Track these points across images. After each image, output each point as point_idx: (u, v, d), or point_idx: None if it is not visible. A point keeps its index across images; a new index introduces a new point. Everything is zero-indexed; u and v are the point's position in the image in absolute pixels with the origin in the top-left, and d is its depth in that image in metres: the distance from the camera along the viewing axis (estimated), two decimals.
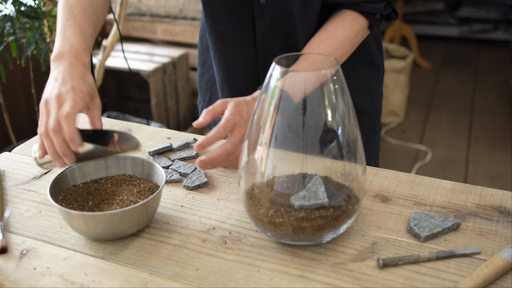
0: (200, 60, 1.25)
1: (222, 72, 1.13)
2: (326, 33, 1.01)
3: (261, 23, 1.05)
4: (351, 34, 1.03)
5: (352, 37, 1.03)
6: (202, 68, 1.25)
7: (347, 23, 1.02)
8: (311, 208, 0.72)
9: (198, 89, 1.29)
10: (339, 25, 1.02)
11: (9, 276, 0.71)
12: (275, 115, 0.71)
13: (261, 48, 1.06)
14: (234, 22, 1.07)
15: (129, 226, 0.76)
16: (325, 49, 1.00)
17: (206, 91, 1.25)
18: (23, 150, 1.05)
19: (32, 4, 1.88)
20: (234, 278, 0.70)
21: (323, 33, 1.01)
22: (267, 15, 1.04)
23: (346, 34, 1.02)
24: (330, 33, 1.01)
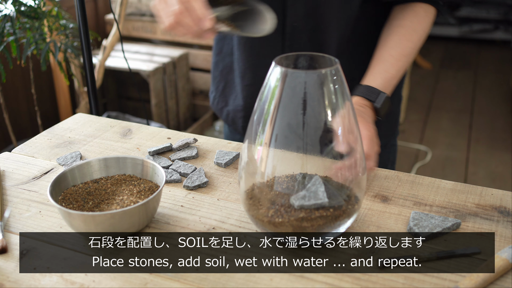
0: (215, 49, 1.24)
1: (246, 57, 1.11)
2: (404, 29, 1.01)
3: (293, 13, 1.03)
4: (427, 26, 1.03)
5: (428, 29, 1.03)
6: (217, 57, 1.23)
7: (422, 16, 1.02)
8: (311, 208, 0.72)
9: (211, 78, 1.27)
10: (415, 20, 1.01)
11: (9, 276, 0.71)
12: (275, 115, 0.71)
13: (289, 38, 1.05)
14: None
15: (129, 226, 0.76)
16: (408, 45, 1.00)
17: (220, 80, 1.24)
18: (23, 150, 1.05)
19: (32, 4, 1.88)
20: (234, 278, 0.70)
21: (402, 30, 1.01)
22: (300, 7, 1.03)
23: (423, 27, 1.02)
24: (409, 29, 1.01)
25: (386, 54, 1.00)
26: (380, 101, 0.95)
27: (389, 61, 0.99)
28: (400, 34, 1.01)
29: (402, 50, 1.00)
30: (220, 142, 1.06)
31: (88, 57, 1.54)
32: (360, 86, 0.98)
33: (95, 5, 3.03)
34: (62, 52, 1.99)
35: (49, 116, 2.71)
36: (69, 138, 1.09)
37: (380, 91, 0.96)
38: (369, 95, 0.96)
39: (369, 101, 0.96)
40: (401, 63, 1.00)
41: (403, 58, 1.00)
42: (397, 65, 0.99)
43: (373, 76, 0.99)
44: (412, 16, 1.02)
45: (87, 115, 1.20)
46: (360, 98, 0.96)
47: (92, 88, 1.58)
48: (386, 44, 1.01)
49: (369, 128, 0.87)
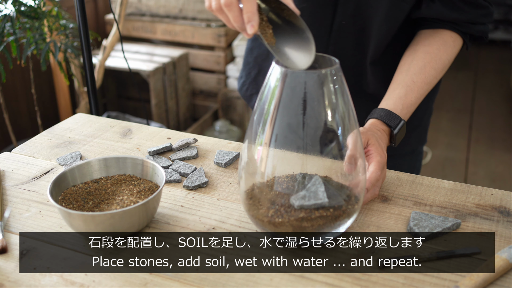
0: None
1: None
2: (430, 56, 0.99)
3: (342, 11, 1.02)
4: (453, 56, 1.01)
5: (452, 59, 1.01)
6: (252, 43, 1.21)
7: (450, 45, 1.00)
8: (311, 208, 0.71)
9: (242, 63, 1.25)
10: (442, 48, 1.00)
11: (9, 276, 0.71)
12: (275, 115, 0.71)
13: (335, 36, 1.04)
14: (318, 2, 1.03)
15: (129, 226, 0.76)
16: (431, 73, 0.98)
17: (253, 67, 1.21)
18: (23, 150, 1.05)
19: (32, 4, 1.88)
20: (234, 278, 0.70)
21: (427, 57, 0.99)
22: (351, 5, 1.01)
23: (449, 56, 1.00)
24: (435, 56, 0.99)
25: (408, 79, 0.98)
26: (399, 128, 0.94)
27: (411, 87, 0.97)
28: (426, 61, 0.98)
29: (425, 77, 0.98)
30: (220, 142, 1.06)
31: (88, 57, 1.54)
32: (380, 110, 0.95)
33: (95, 5, 3.03)
34: (62, 52, 1.99)
35: (49, 116, 2.71)
36: (69, 138, 1.09)
37: (401, 118, 0.94)
38: (389, 120, 0.94)
39: (388, 127, 0.94)
40: (422, 91, 0.98)
41: (425, 86, 0.98)
42: (419, 93, 0.97)
43: (393, 100, 0.96)
44: (440, 43, 1.00)
45: (87, 115, 1.20)
46: (379, 122, 0.94)
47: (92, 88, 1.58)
48: (410, 69, 0.98)
49: (381, 154, 0.86)
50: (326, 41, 1.05)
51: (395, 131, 0.93)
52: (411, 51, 1.01)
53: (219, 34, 2.88)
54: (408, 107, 0.97)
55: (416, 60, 0.99)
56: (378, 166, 0.84)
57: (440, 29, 1.01)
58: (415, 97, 0.97)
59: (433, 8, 0.99)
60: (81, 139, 1.09)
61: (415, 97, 0.97)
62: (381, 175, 0.85)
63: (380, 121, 0.94)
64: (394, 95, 0.97)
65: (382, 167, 0.85)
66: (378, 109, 0.96)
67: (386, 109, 0.95)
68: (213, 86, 3.03)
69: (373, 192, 0.84)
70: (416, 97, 0.97)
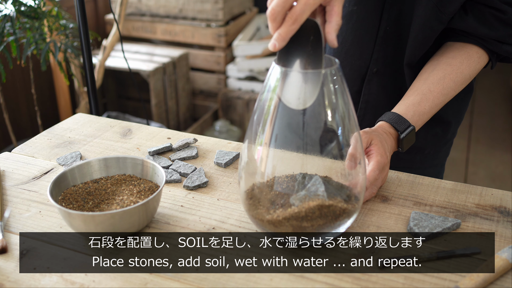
0: None
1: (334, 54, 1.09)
2: (451, 68, 0.98)
3: (388, 16, 1.02)
4: (475, 72, 1.00)
5: (474, 75, 1.00)
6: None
7: (474, 61, 0.99)
8: (311, 208, 0.71)
9: None
10: (465, 62, 0.98)
11: (9, 276, 0.71)
12: (275, 115, 0.71)
13: (380, 43, 1.03)
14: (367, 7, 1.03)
15: (129, 226, 0.76)
16: (449, 85, 0.97)
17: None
18: (23, 150, 1.05)
19: (32, 4, 1.88)
20: (234, 278, 0.70)
21: (448, 68, 0.98)
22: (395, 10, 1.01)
23: (471, 72, 0.99)
24: (456, 69, 0.98)
25: (425, 88, 0.97)
26: (406, 133, 0.93)
27: (427, 95, 0.96)
28: (446, 72, 0.97)
29: (443, 88, 0.97)
30: (220, 142, 1.06)
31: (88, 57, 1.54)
32: (390, 113, 0.95)
33: (95, 5, 3.03)
34: (62, 52, 1.99)
35: (49, 116, 2.71)
36: (69, 138, 1.09)
37: (409, 123, 0.94)
38: (397, 124, 0.93)
39: (395, 130, 0.94)
40: (438, 101, 0.97)
41: (441, 97, 0.97)
42: (434, 102, 0.96)
43: (406, 106, 0.96)
44: (464, 57, 0.99)
45: (87, 115, 1.20)
46: (387, 125, 0.94)
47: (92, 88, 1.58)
48: (428, 78, 0.98)
49: (382, 155, 0.86)
50: (371, 49, 1.05)
51: (402, 135, 0.92)
52: (434, 61, 1.00)
53: (219, 34, 2.88)
54: (421, 115, 0.96)
55: (437, 70, 0.98)
56: (377, 165, 0.84)
57: (467, 43, 1.00)
58: (429, 106, 0.96)
59: (465, 20, 0.98)
60: (81, 139, 1.09)
61: (429, 106, 0.96)
62: (380, 175, 0.85)
63: (388, 124, 0.94)
64: (407, 101, 0.97)
65: (382, 167, 0.85)
66: (389, 113, 0.96)
67: (396, 113, 0.95)
68: (213, 86, 3.03)
69: (370, 191, 0.84)
70: (430, 106, 0.96)
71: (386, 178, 0.89)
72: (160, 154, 1.02)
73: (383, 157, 0.85)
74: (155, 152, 1.01)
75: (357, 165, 0.74)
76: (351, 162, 0.73)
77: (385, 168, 0.86)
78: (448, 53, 1.00)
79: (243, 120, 2.95)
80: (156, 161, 0.98)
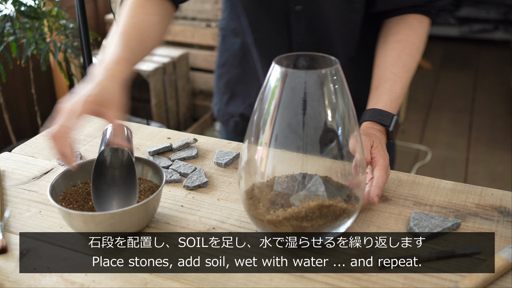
0: (219, 61, 1.22)
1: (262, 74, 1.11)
2: (401, 44, 0.98)
3: (297, 31, 1.03)
4: (424, 37, 1.01)
5: (424, 40, 1.01)
6: (221, 69, 1.22)
7: (417, 27, 1.00)
8: (311, 208, 0.71)
9: (214, 91, 1.26)
10: (410, 32, 0.99)
11: (9, 276, 0.71)
12: (275, 115, 0.71)
13: None
14: (269, 30, 1.05)
15: (129, 226, 0.76)
16: (407, 59, 0.98)
17: (225, 93, 1.22)
18: (23, 150, 1.05)
19: (32, 4, 1.88)
20: (234, 278, 0.70)
21: (398, 45, 0.98)
22: (303, 22, 1.02)
23: (420, 38, 1.00)
24: (406, 43, 0.98)
25: (387, 72, 0.97)
26: (393, 124, 0.93)
27: (393, 79, 0.96)
28: (399, 49, 0.98)
29: (403, 65, 0.97)
30: (220, 142, 1.06)
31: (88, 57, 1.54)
32: (371, 111, 0.95)
33: (95, 5, 3.03)
34: (62, 52, 1.99)
35: (49, 116, 2.71)
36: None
37: (392, 114, 0.94)
38: (382, 120, 0.93)
39: (383, 126, 0.94)
40: (404, 79, 0.97)
41: (405, 74, 0.97)
42: (401, 82, 0.97)
43: (380, 97, 0.96)
44: (406, 29, 0.99)
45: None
46: (374, 123, 0.93)
47: None
48: (386, 62, 0.98)
49: (384, 157, 0.86)
50: None
51: (391, 128, 0.93)
52: (382, 43, 1.01)
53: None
54: (396, 100, 0.96)
55: (389, 51, 0.99)
56: (384, 170, 0.84)
57: (403, 15, 1.01)
58: (400, 87, 0.96)
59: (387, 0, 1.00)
60: (81, 139, 1.09)
61: (400, 87, 0.96)
62: (386, 178, 0.85)
63: (374, 122, 0.94)
64: (378, 92, 0.96)
65: (386, 169, 0.85)
66: (368, 111, 0.95)
67: (377, 109, 0.95)
68: (213, 86, 3.03)
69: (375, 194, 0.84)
70: (401, 88, 0.97)
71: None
72: (160, 154, 1.02)
73: (385, 159, 0.86)
74: (155, 152, 1.01)
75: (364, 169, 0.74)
76: (359, 167, 0.74)
77: (388, 168, 0.86)
78: (391, 31, 1.01)
79: None
80: (156, 161, 0.98)
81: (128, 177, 0.83)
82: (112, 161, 0.84)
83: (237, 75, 1.19)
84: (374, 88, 0.98)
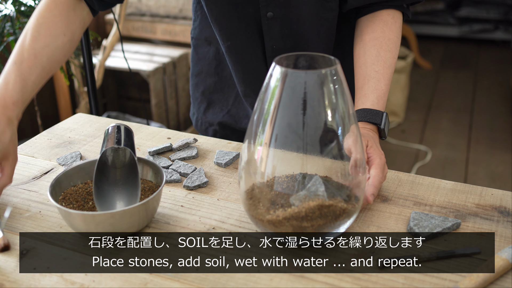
0: (194, 70, 1.21)
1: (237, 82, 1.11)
2: (379, 41, 0.99)
3: (270, 37, 1.03)
4: (399, 32, 1.01)
5: (399, 34, 1.01)
6: (196, 78, 1.21)
7: (391, 23, 1.01)
8: (311, 208, 0.71)
9: (191, 100, 1.25)
10: (385, 28, 1.00)
11: (9, 276, 0.71)
12: (275, 115, 0.71)
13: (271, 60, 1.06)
14: (242, 37, 1.05)
15: (129, 226, 0.76)
16: (387, 55, 0.98)
17: (202, 101, 1.22)
18: (23, 150, 1.05)
19: (32, 4, 1.88)
20: (234, 278, 0.70)
21: (376, 42, 0.99)
22: (276, 28, 1.02)
23: (396, 33, 1.01)
24: (383, 39, 0.99)
25: (370, 70, 0.97)
26: (384, 122, 0.93)
27: (376, 77, 0.96)
28: (377, 47, 0.98)
29: (384, 62, 0.98)
30: (220, 142, 1.06)
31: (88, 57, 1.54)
32: (360, 111, 0.95)
33: None
34: None
35: (49, 116, 2.71)
36: (69, 138, 1.09)
37: (381, 112, 0.94)
38: (373, 119, 0.93)
39: (375, 125, 0.94)
40: (387, 76, 0.98)
41: (387, 70, 0.98)
42: (385, 79, 0.97)
43: (366, 97, 0.96)
44: (382, 25, 1.00)
45: (87, 115, 1.20)
46: (365, 123, 0.94)
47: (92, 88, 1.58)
48: (367, 60, 0.98)
49: (380, 156, 0.86)
50: (266, 67, 1.06)
51: (382, 126, 0.93)
52: (359, 42, 1.01)
53: None
54: (382, 97, 0.96)
55: (368, 49, 0.99)
56: (380, 169, 0.84)
57: (375, 11, 1.02)
58: (384, 84, 0.97)
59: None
60: (81, 139, 1.09)
61: (384, 84, 0.97)
62: (383, 177, 0.85)
63: (365, 122, 0.94)
64: (364, 92, 0.97)
65: (382, 168, 0.85)
66: (358, 111, 0.95)
67: (365, 108, 0.95)
68: None
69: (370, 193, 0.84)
70: (385, 84, 0.97)
71: (386, 176, 0.89)
72: (160, 154, 1.02)
73: (381, 158, 0.86)
74: (155, 152, 1.01)
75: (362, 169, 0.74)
76: (357, 167, 0.73)
77: (385, 167, 0.86)
78: (367, 29, 1.01)
79: None
80: (156, 161, 0.98)
81: (130, 177, 0.83)
82: (114, 161, 0.84)
83: (213, 83, 1.19)
84: (359, 88, 0.98)
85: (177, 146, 1.03)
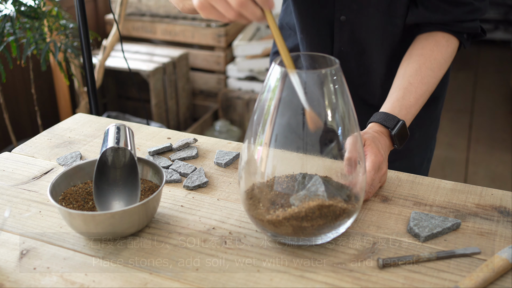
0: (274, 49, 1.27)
1: None
2: (424, 57, 1.00)
3: (340, 39, 1.06)
4: (448, 56, 1.02)
5: (449, 59, 1.03)
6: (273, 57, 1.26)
7: (443, 45, 1.02)
8: (311, 208, 0.71)
9: None
10: (435, 48, 1.01)
11: (9, 276, 0.71)
12: (275, 115, 0.71)
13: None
14: (313, 35, 1.09)
15: (129, 226, 0.76)
16: (427, 73, 0.99)
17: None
18: (23, 150, 1.05)
19: (32, 4, 1.88)
20: (234, 278, 0.70)
21: (421, 58, 1.00)
22: (346, 32, 1.05)
23: (444, 56, 1.01)
24: (429, 57, 1.00)
25: (405, 82, 0.98)
26: (397, 128, 0.93)
27: (408, 88, 0.98)
28: (420, 63, 1.00)
29: (421, 78, 0.98)
30: (220, 142, 1.06)
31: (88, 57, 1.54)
32: (378, 113, 0.96)
33: (95, 5, 3.03)
34: (62, 52, 1.99)
35: (49, 116, 2.71)
36: (69, 138, 1.09)
37: (398, 118, 0.94)
38: (386, 121, 0.94)
39: (386, 128, 0.94)
40: (420, 91, 0.98)
41: (422, 86, 0.98)
42: (417, 93, 0.98)
43: (391, 103, 0.97)
44: (433, 45, 1.01)
45: (87, 115, 1.20)
46: (376, 125, 0.94)
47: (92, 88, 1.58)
48: (406, 72, 1.00)
49: (377, 154, 0.86)
50: None
51: (394, 131, 0.93)
52: (407, 55, 1.04)
53: (219, 34, 2.88)
54: (407, 108, 0.97)
55: (411, 63, 1.01)
56: (372, 165, 0.84)
57: (432, 31, 1.03)
58: (414, 97, 0.98)
59: (417, 13, 1.02)
60: (81, 139, 1.09)
61: (414, 97, 0.98)
62: (377, 175, 0.85)
63: (377, 123, 0.94)
64: (391, 99, 0.98)
65: (377, 166, 0.85)
66: (376, 113, 0.97)
67: (383, 111, 0.96)
68: (213, 86, 3.03)
69: (367, 193, 0.84)
70: (415, 98, 0.98)
71: (385, 177, 0.89)
72: (160, 154, 1.02)
73: (377, 156, 0.86)
74: (155, 152, 1.01)
75: (357, 167, 0.74)
76: (350, 166, 0.73)
77: (381, 167, 0.86)
78: (418, 45, 1.03)
79: (243, 120, 2.95)
80: (156, 161, 0.98)
81: (130, 177, 0.83)
82: (114, 161, 0.84)
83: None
84: (389, 95, 1.00)
85: (177, 146, 1.03)
